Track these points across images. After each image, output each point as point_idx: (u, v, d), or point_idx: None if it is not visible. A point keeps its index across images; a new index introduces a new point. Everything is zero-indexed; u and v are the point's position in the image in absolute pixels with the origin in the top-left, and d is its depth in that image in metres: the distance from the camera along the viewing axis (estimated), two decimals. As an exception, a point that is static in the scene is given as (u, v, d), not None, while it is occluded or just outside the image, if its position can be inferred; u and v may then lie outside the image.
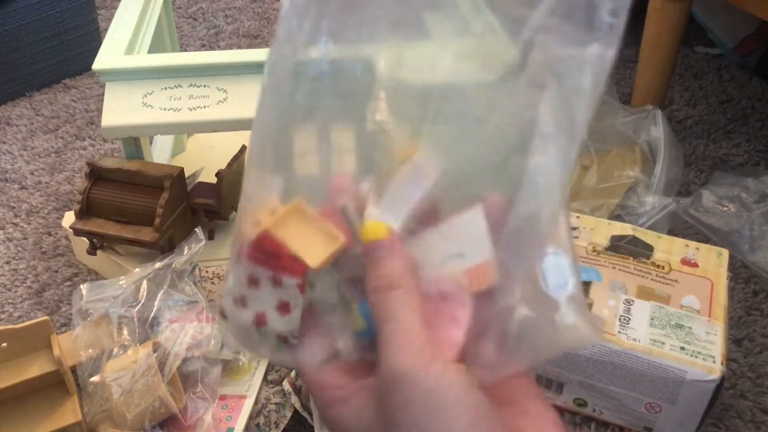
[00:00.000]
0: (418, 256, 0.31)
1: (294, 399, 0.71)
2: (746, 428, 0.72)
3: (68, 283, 0.90)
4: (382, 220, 0.31)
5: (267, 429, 0.72)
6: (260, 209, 0.32)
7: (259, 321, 0.32)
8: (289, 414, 0.72)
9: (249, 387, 0.75)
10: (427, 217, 0.33)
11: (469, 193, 0.32)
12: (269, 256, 0.31)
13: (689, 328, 0.67)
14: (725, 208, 0.91)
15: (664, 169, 0.93)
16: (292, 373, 0.73)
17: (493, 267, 0.31)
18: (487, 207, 0.31)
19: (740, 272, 0.88)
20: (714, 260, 0.73)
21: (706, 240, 0.87)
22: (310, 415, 0.70)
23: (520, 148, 0.30)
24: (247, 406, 0.73)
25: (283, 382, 0.73)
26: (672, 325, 0.67)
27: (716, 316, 0.68)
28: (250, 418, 0.73)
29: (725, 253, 0.74)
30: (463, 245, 0.31)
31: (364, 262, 0.31)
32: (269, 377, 0.77)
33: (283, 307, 0.31)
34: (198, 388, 0.73)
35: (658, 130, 0.96)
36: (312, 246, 0.30)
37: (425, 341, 0.29)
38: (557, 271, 0.31)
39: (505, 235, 0.30)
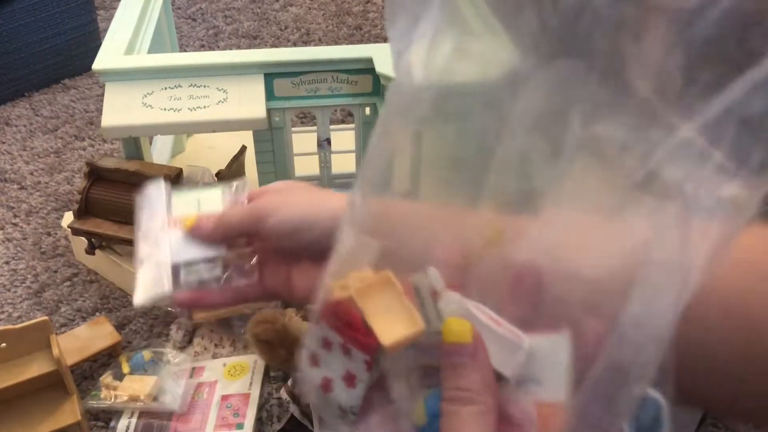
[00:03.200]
0: (498, 357, 0.28)
1: (293, 407, 0.71)
2: (746, 427, 0.73)
3: (68, 283, 0.90)
4: (464, 313, 0.28)
5: (269, 423, 0.72)
6: (350, 273, 0.30)
7: (326, 387, 0.30)
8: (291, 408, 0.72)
9: (251, 384, 0.75)
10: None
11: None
12: (344, 324, 0.29)
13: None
14: None
15: None
16: (289, 382, 0.73)
17: (564, 414, 0.26)
18: (581, 335, 0.27)
19: None
20: None
21: None
22: (311, 421, 0.69)
23: None
24: (253, 400, 0.73)
25: (281, 391, 0.73)
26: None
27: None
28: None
29: None
30: (541, 372, 0.27)
31: (441, 360, 0.28)
32: (271, 373, 0.77)
33: (349, 379, 0.30)
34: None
35: None
36: (389, 325, 0.28)
37: None
38: (648, 418, 0.26)
39: (592, 377, 0.25)
